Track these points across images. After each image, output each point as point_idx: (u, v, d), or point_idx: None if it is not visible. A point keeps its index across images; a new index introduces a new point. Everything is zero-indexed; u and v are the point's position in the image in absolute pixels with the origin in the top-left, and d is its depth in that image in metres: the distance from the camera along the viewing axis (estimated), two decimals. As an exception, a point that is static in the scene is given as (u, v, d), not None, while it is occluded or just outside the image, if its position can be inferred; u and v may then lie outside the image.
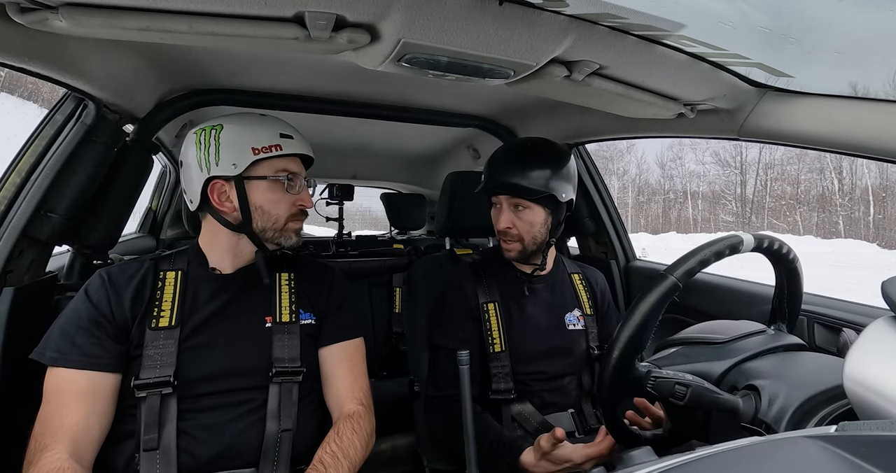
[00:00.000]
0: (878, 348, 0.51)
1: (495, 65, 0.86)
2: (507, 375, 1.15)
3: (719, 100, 1.05)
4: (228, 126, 0.93)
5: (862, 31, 0.73)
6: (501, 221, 1.17)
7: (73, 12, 0.69)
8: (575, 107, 1.18)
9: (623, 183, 43.38)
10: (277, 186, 0.95)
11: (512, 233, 1.17)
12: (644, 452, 0.50)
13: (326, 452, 0.89)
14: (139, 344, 0.88)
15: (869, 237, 27.00)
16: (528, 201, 1.15)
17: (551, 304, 1.25)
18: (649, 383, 0.69)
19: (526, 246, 1.17)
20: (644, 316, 0.69)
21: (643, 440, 0.79)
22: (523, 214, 1.16)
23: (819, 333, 1.14)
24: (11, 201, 1.03)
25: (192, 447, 0.86)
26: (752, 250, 0.75)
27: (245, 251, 0.99)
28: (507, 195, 1.16)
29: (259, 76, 1.36)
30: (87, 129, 1.10)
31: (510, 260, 1.23)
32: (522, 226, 1.16)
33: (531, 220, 1.16)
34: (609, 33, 0.80)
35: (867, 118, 0.88)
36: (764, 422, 0.62)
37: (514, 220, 1.16)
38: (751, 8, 0.68)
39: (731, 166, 37.84)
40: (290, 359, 0.95)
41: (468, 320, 1.20)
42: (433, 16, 0.72)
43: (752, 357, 0.74)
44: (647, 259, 1.83)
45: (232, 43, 0.79)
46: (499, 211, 1.19)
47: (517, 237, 1.17)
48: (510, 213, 1.17)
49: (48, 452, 0.76)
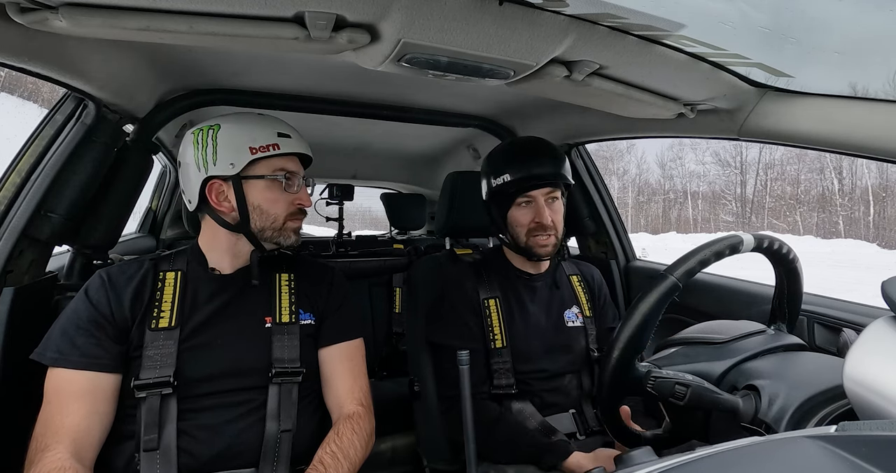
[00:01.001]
0: (878, 348, 0.51)
1: (495, 65, 0.86)
2: (508, 371, 1.16)
3: (719, 100, 1.05)
4: (226, 126, 0.93)
5: (862, 31, 0.73)
6: (545, 216, 1.14)
7: (73, 12, 0.69)
8: (575, 107, 1.18)
9: (623, 183, 43.38)
10: (275, 185, 0.95)
11: (551, 227, 1.15)
12: (644, 452, 0.50)
13: (326, 452, 0.89)
14: (139, 345, 0.88)
15: (869, 237, 26.99)
16: (558, 192, 1.17)
17: (550, 302, 1.26)
18: (649, 383, 0.69)
19: (559, 238, 1.19)
20: (644, 316, 0.69)
21: (643, 440, 0.79)
22: (555, 206, 1.17)
23: (819, 333, 1.15)
24: (11, 201, 1.03)
25: (192, 447, 0.86)
26: (752, 250, 0.75)
27: (244, 251, 0.99)
28: (549, 187, 1.15)
29: (259, 76, 1.36)
30: (87, 129, 1.10)
31: (540, 259, 1.21)
32: (557, 219, 1.17)
33: (560, 210, 1.19)
34: (609, 33, 0.80)
35: (867, 118, 0.87)
36: (764, 422, 0.62)
37: (552, 214, 1.16)
38: (751, 8, 0.68)
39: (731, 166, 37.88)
40: (290, 360, 0.95)
41: (470, 316, 1.20)
42: (433, 16, 0.72)
43: (752, 357, 0.74)
44: (647, 259, 1.83)
45: (232, 43, 0.79)
46: (532, 207, 1.16)
47: (555, 230, 1.17)
48: (548, 208, 1.15)
49: (49, 452, 0.76)
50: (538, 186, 1.15)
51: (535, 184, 1.15)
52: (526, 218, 1.17)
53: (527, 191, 1.16)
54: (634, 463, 0.48)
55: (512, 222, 1.20)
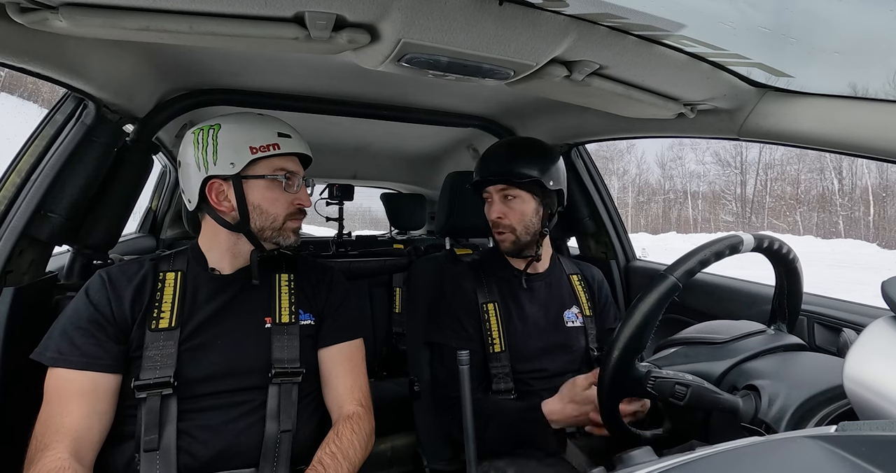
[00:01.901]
0: (878, 348, 0.51)
1: (495, 65, 0.86)
2: (506, 375, 1.16)
3: (719, 100, 1.05)
4: (226, 125, 0.93)
5: (862, 31, 0.73)
6: (493, 212, 1.20)
7: (73, 12, 0.68)
8: (575, 107, 1.19)
9: (623, 183, 43.39)
10: (275, 185, 0.95)
11: (504, 224, 1.19)
12: (644, 452, 0.49)
13: (326, 453, 0.89)
14: (139, 345, 0.88)
15: (869, 237, 26.99)
16: (517, 190, 1.17)
17: (549, 302, 1.26)
18: (649, 383, 0.70)
19: (519, 236, 1.19)
20: (644, 316, 0.69)
21: (643, 440, 0.79)
22: (514, 204, 1.18)
23: (819, 333, 1.14)
24: (11, 201, 1.03)
25: (192, 447, 0.86)
26: (752, 250, 0.75)
27: (244, 251, 0.99)
28: (498, 184, 1.18)
29: (259, 76, 1.36)
30: (87, 129, 1.10)
31: (506, 255, 1.25)
32: (514, 216, 1.18)
33: (522, 210, 1.18)
34: (609, 33, 0.80)
35: (867, 118, 0.87)
36: (764, 422, 0.62)
37: (504, 210, 1.19)
38: (751, 8, 0.68)
39: (731, 166, 37.88)
40: (290, 360, 0.95)
41: (469, 318, 1.20)
42: (433, 16, 0.72)
43: (752, 357, 0.74)
44: (647, 259, 1.83)
45: (232, 43, 0.79)
46: (490, 203, 1.22)
47: (509, 227, 1.19)
48: (501, 204, 1.19)
49: (49, 452, 0.76)
50: (491, 183, 1.19)
51: (488, 180, 1.19)
52: (490, 215, 1.23)
53: (483, 187, 1.22)
54: (634, 463, 0.48)
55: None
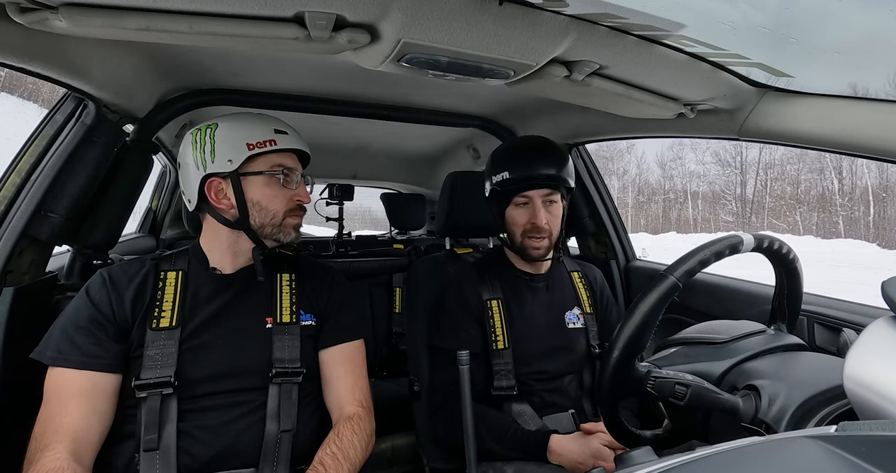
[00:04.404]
0: (878, 348, 0.51)
1: (495, 65, 0.86)
2: (509, 372, 1.15)
3: (719, 100, 1.05)
4: (223, 124, 0.94)
5: (862, 31, 0.73)
6: (540, 217, 1.14)
7: (73, 12, 0.69)
8: (575, 107, 1.18)
9: (623, 183, 43.38)
10: (273, 181, 0.96)
11: (546, 229, 1.15)
12: (644, 452, 0.49)
13: (327, 453, 0.89)
14: (140, 345, 0.88)
15: (869, 237, 26.99)
16: (557, 194, 1.16)
17: (551, 303, 1.25)
18: (649, 383, 0.69)
19: (553, 241, 1.18)
20: (644, 315, 0.68)
21: (643, 440, 0.79)
22: (553, 208, 1.16)
23: (819, 333, 1.14)
24: (11, 201, 1.03)
25: (192, 447, 0.86)
26: (752, 250, 0.75)
27: (244, 249, 0.99)
28: (547, 189, 1.15)
29: (259, 76, 1.36)
30: (87, 129, 1.10)
31: (533, 260, 1.20)
32: (553, 221, 1.16)
33: (558, 214, 1.17)
34: (609, 33, 0.80)
35: (867, 118, 0.87)
36: (764, 422, 0.62)
37: (548, 216, 1.15)
38: (751, 8, 0.68)
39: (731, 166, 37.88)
40: (290, 360, 0.95)
41: (469, 320, 1.19)
42: (433, 16, 0.72)
43: (752, 357, 0.74)
44: (647, 259, 1.83)
45: (232, 43, 0.79)
46: (529, 208, 1.16)
47: (548, 233, 1.16)
48: (545, 210, 1.15)
49: (48, 451, 0.76)
50: (536, 187, 1.14)
51: (532, 184, 1.14)
52: (522, 218, 1.17)
53: (524, 190, 1.15)
54: (634, 463, 0.48)
55: (509, 221, 1.19)
